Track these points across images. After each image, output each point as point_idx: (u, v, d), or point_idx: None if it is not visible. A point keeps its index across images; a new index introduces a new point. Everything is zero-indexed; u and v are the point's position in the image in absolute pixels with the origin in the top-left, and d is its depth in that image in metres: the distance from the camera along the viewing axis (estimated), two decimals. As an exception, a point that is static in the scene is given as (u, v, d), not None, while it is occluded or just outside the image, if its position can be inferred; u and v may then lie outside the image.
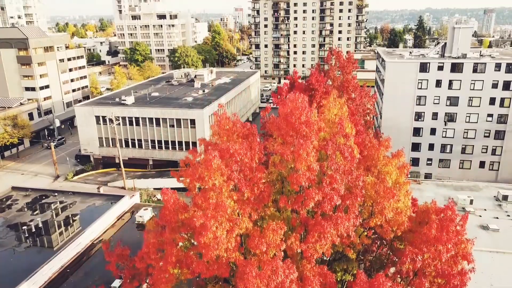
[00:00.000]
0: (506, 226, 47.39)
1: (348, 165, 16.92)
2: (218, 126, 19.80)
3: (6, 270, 42.82)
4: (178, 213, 15.67)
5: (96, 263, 46.23)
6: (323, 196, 15.62)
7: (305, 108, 17.75)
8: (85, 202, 58.03)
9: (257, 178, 16.35)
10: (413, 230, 18.83)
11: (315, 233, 15.42)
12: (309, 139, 16.73)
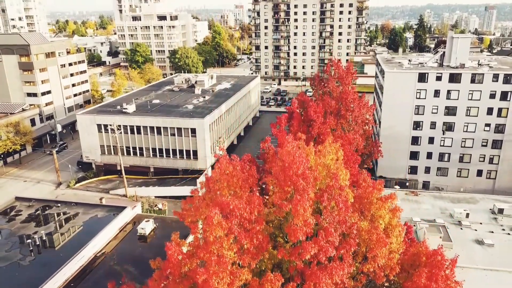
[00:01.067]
0: (501, 241, 48.33)
1: (342, 215, 17.83)
2: (219, 172, 20.68)
3: (12, 285, 43.72)
4: (181, 266, 16.61)
5: (100, 276, 47.16)
6: (319, 248, 16.56)
7: (302, 162, 18.65)
8: (88, 213, 58.90)
9: (255, 230, 17.27)
10: (405, 270, 19.80)
11: (311, 283, 16.38)
12: (306, 192, 17.65)
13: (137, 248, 52.79)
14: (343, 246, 17.11)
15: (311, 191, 17.93)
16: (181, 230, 56.08)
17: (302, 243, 16.58)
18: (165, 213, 67.64)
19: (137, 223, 58.00)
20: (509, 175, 75.88)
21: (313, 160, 22.85)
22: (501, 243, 47.73)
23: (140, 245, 53.39)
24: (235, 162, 21.85)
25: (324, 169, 20.40)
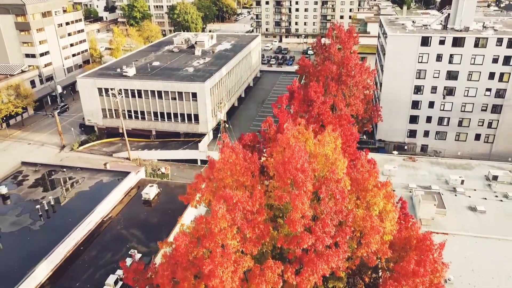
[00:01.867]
0: (493, 207, 50.01)
1: (339, 205, 18.90)
2: (223, 161, 21.53)
3: (25, 250, 45.86)
4: (188, 255, 17.88)
5: (107, 240, 49.33)
6: (316, 238, 17.76)
7: (301, 156, 19.44)
8: (93, 178, 60.43)
9: (257, 220, 18.41)
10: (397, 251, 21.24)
11: (308, 269, 17.74)
12: (304, 185, 18.60)
13: (142, 212, 54.69)
14: (339, 234, 18.36)
15: (309, 183, 18.90)
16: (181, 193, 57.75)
17: (301, 234, 17.80)
18: (168, 177, 69.32)
19: (141, 187, 59.68)
20: (506, 140, 76.87)
21: (312, 144, 23.67)
22: (493, 210, 49.44)
23: (145, 210, 55.27)
24: (237, 149, 22.66)
25: (323, 158, 21.27)
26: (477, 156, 78.75)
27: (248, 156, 22.61)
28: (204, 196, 22.26)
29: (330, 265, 17.86)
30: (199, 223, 18.04)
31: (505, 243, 42.28)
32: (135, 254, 45.34)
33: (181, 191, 59.06)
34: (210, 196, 22.09)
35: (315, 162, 20.48)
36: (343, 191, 19.11)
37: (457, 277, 37.50)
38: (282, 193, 19.26)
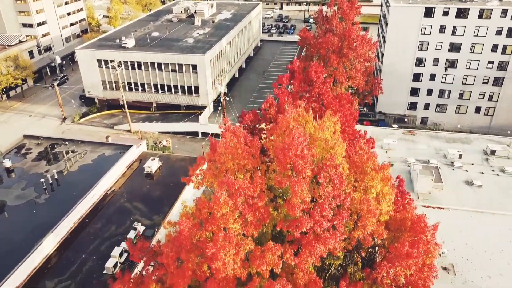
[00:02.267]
0: (489, 182, 50.76)
1: (337, 190, 19.48)
2: (224, 146, 21.93)
3: (31, 223, 47.08)
4: (192, 238, 18.63)
5: (111, 213, 50.52)
6: (314, 222, 18.46)
7: (300, 143, 19.83)
8: (95, 151, 61.09)
9: (258, 205, 19.05)
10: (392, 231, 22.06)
11: (306, 251, 18.55)
12: (304, 171, 19.12)
13: (145, 185, 55.67)
14: (336, 217, 19.06)
15: (308, 169, 19.43)
16: (184, 169, 58.54)
17: (300, 218, 18.50)
18: (170, 149, 69.98)
19: (143, 160, 60.46)
20: (506, 112, 77.05)
21: (311, 126, 24.04)
22: (489, 184, 50.19)
23: (148, 183, 56.25)
24: (238, 133, 23.02)
25: (322, 143, 21.70)
26: (476, 129, 79.26)
27: (249, 139, 23.05)
28: (206, 178, 22.88)
29: (328, 247, 18.69)
30: (202, 207, 18.72)
31: (499, 217, 43.32)
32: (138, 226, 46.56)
33: (182, 164, 60.07)
34: (212, 178, 22.72)
35: (314, 147, 20.94)
36: (341, 176, 19.67)
37: (451, 251, 38.71)
38: (282, 178, 19.86)
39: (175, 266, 19.18)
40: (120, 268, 41.74)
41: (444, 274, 36.49)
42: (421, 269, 19.17)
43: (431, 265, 19.76)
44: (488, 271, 36.64)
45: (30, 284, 40.48)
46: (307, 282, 18.93)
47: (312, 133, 23.24)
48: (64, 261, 43.36)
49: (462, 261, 37.71)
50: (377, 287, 20.38)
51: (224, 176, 21.38)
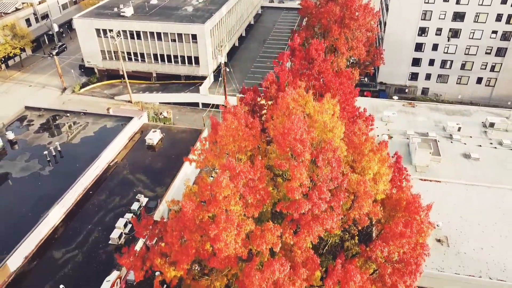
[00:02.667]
0: (487, 155, 51.46)
1: (335, 172, 20.05)
2: (225, 128, 22.30)
3: (37, 194, 48.13)
4: (195, 219, 19.37)
5: (114, 185, 51.48)
6: (312, 204, 19.15)
7: (300, 127, 20.19)
8: (97, 123, 61.46)
9: (258, 187, 19.69)
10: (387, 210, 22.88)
11: (305, 231, 19.36)
12: (302, 155, 19.62)
13: (147, 157, 56.43)
14: (334, 199, 19.76)
15: (307, 153, 19.94)
16: (185, 142, 59.12)
17: (298, 200, 19.19)
18: (170, 121, 70.35)
19: (144, 132, 60.97)
20: (508, 83, 76.76)
21: (311, 107, 24.37)
22: (486, 157, 50.94)
23: (149, 155, 56.98)
24: (239, 114, 23.35)
25: (321, 125, 22.11)
26: (477, 100, 79.28)
27: (250, 121, 23.44)
28: (207, 159, 23.45)
29: (325, 227, 19.51)
30: (204, 189, 19.41)
31: (494, 190, 44.22)
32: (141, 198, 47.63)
33: (183, 136, 60.65)
34: (213, 159, 23.30)
35: (314, 129, 21.38)
36: (339, 159, 20.20)
37: (446, 223, 39.89)
38: (282, 161, 20.44)
39: (179, 244, 20.12)
40: (125, 239, 43.21)
41: (438, 246, 37.81)
42: (414, 248, 20.10)
43: (424, 244, 20.67)
44: (481, 243, 37.89)
45: (39, 254, 41.93)
46: (305, 259, 19.91)
47: (312, 113, 23.61)
48: (70, 231, 44.66)
49: (456, 233, 38.93)
50: (371, 264, 21.39)
51: (225, 158, 22.03)
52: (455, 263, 35.94)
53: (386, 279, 19.38)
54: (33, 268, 40.54)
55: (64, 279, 39.11)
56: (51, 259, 41.47)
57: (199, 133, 60.21)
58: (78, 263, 40.94)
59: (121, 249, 41.68)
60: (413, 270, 19.27)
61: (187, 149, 57.30)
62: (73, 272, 40.04)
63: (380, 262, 20.09)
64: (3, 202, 47.07)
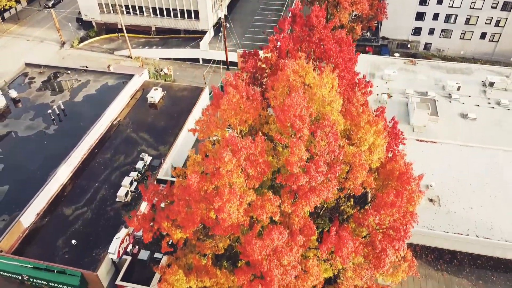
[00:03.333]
0: (484, 115, 52.15)
1: (332, 146, 21.04)
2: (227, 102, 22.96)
3: (44, 153, 49.41)
4: (200, 191, 20.61)
5: (118, 143, 52.60)
6: (310, 177, 20.32)
7: (299, 104, 20.87)
8: (98, 81, 61.61)
9: (259, 161, 20.76)
10: (381, 180, 24.22)
11: (302, 201, 20.72)
12: (301, 131, 20.52)
13: (149, 116, 57.12)
14: (330, 171, 20.93)
15: (306, 129, 20.83)
16: (186, 99, 59.45)
17: (297, 173, 20.38)
18: (171, 77, 70.36)
19: (145, 90, 61.34)
20: (511, 38, 75.79)
21: (311, 77, 24.96)
22: (483, 117, 51.69)
23: (152, 113, 57.64)
24: (241, 87, 23.93)
25: (320, 99, 22.79)
26: (480, 56, 78.74)
27: (251, 93, 24.10)
28: (210, 130, 24.37)
29: (321, 197, 20.87)
30: (208, 163, 20.54)
31: (488, 151, 45.49)
32: (146, 157, 48.99)
33: (184, 93, 61.04)
34: (216, 131, 24.21)
35: (313, 103, 22.13)
36: (336, 134, 21.14)
37: (439, 183, 41.54)
38: (282, 137, 21.43)
39: (185, 212, 21.59)
40: (131, 196, 45.11)
41: (430, 205, 39.69)
42: (403, 215, 21.56)
43: (413, 212, 22.13)
44: (471, 202, 39.74)
45: (49, 211, 43.99)
46: (302, 226, 21.48)
47: (311, 84, 24.25)
48: (78, 189, 46.40)
49: (447, 193, 40.68)
50: (363, 230, 23.00)
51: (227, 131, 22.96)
52: (445, 221, 37.93)
53: (377, 244, 21.06)
54: (45, 224, 42.68)
55: (75, 235, 41.38)
56: (61, 216, 43.52)
57: (200, 90, 60.63)
58: (88, 220, 43.01)
59: (128, 207, 44.19)
60: (401, 237, 20.89)
61: (189, 107, 58.22)
62: (83, 228, 42.23)
63: (371, 228, 21.68)
64: (12, 161, 48.47)
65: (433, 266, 37.12)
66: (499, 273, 36.84)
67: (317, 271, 21.12)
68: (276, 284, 19.70)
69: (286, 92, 24.32)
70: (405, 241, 21.26)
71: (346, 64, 31.11)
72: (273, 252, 19.77)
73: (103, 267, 37.93)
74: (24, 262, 38.06)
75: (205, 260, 25.47)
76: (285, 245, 19.92)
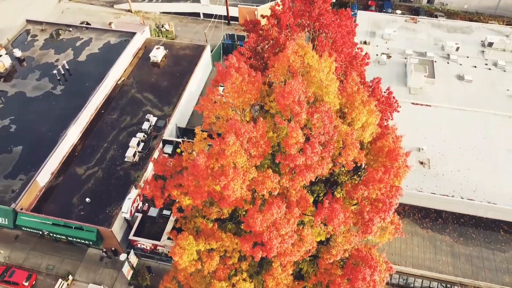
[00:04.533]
0: (480, 77, 53.20)
1: (327, 128, 22.95)
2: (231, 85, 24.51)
3: (53, 114, 51.14)
4: (207, 169, 22.82)
5: (124, 104, 54.19)
6: (306, 158, 22.46)
7: (298, 91, 22.48)
8: (100, 39, 61.92)
9: (259, 143, 22.81)
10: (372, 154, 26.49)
11: (299, 177, 23.05)
12: (299, 116, 22.37)
13: (152, 75, 58.18)
14: (324, 150, 23.04)
15: (303, 114, 22.66)
16: (188, 58, 59.92)
17: (294, 154, 22.53)
18: (172, 33, 70.36)
19: (148, 47, 61.92)
20: (517, -8, 74.66)
21: (310, 57, 26.40)
22: (479, 79, 52.80)
23: (154, 72, 58.65)
24: (243, 69, 25.33)
25: (318, 82, 24.32)
26: (483, 10, 77.88)
27: (253, 75, 25.59)
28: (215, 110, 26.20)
29: (316, 173, 23.19)
30: (215, 144, 22.65)
31: (479, 115, 47.32)
32: (151, 118, 50.90)
33: (186, 52, 61.65)
34: (220, 111, 26.03)
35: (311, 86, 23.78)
36: (331, 116, 22.96)
37: (430, 146, 43.89)
38: (281, 120, 23.40)
39: (193, 185, 24.04)
40: (138, 156, 47.62)
41: (420, 167, 42.29)
42: (390, 189, 24.01)
43: (399, 186, 24.56)
44: (459, 165, 42.31)
45: (63, 170, 46.74)
46: (299, 198, 24.01)
47: (310, 63, 25.77)
48: (88, 149, 48.85)
49: (437, 156, 43.14)
50: (351, 201, 25.60)
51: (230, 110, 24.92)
52: (433, 183, 40.72)
53: (365, 215, 23.70)
54: (60, 183, 45.62)
55: (88, 193, 44.42)
56: (74, 175, 46.34)
57: (202, 49, 61.20)
58: (99, 179, 45.88)
59: (136, 166, 46.81)
60: (387, 208, 23.47)
61: (191, 66, 59.20)
62: (96, 186, 45.19)
63: (360, 200, 24.24)
64: (23, 122, 50.49)
65: (419, 224, 40.46)
66: (479, 230, 40.25)
67: (311, 239, 24.04)
68: (275, 251, 22.67)
69: (287, 71, 25.91)
70: (390, 212, 23.88)
71: (344, 39, 32.17)
72: (273, 224, 22.49)
73: (116, 224, 41.32)
74: (45, 219, 41.36)
75: (211, 224, 28.42)
76: (283, 217, 22.57)
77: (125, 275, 39.51)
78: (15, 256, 44.97)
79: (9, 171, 45.90)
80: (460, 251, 38.56)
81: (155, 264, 43.76)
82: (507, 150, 43.32)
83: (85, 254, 44.93)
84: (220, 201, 23.51)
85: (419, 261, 37.81)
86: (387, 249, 37.96)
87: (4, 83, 55.75)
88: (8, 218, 41.85)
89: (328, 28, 31.70)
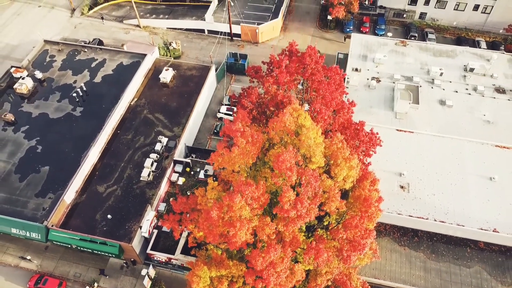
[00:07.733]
0: (460, 101, 58.65)
1: (313, 186, 28.80)
2: (238, 151, 30.37)
3: (74, 135, 56.58)
4: (219, 219, 28.91)
5: (138, 124, 59.46)
6: (296, 212, 28.47)
7: (291, 158, 28.34)
8: (114, 59, 66.95)
9: (260, 199, 28.81)
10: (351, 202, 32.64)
11: (291, 224, 29.07)
12: (290, 179, 28.31)
13: (162, 95, 63.35)
14: (312, 203, 28.94)
15: (294, 176, 28.53)
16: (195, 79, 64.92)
17: (287, 209, 28.49)
18: (179, 51, 75.40)
19: (157, 67, 67.07)
20: (503, 11, 79.23)
21: (303, 118, 32.13)
22: (459, 104, 58.27)
23: (164, 93, 63.77)
24: (247, 133, 31.00)
25: (307, 147, 30.07)
26: (471, 26, 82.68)
27: (255, 137, 31.30)
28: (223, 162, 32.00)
29: (305, 221, 29.21)
30: (224, 200, 28.59)
31: (454, 142, 52.79)
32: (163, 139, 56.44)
33: (193, 73, 66.89)
34: (227, 165, 31.84)
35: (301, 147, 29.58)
36: (316, 177, 28.84)
37: (410, 171, 49.75)
38: (277, 180, 29.40)
39: (208, 228, 30.06)
40: (152, 176, 53.39)
41: (400, 191, 48.29)
42: (364, 232, 30.04)
43: (371, 230, 30.62)
44: (434, 189, 48.24)
45: (85, 188, 52.66)
46: (292, 239, 30.07)
47: (303, 123, 31.52)
48: (107, 169, 54.62)
49: (416, 181, 49.06)
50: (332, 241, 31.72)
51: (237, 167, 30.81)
52: (411, 206, 46.76)
53: (344, 253, 29.84)
54: (83, 201, 51.58)
55: (109, 210, 50.42)
56: (96, 193, 52.19)
57: (207, 70, 66.43)
58: (118, 196, 51.76)
59: (151, 185, 52.60)
60: (361, 247, 29.58)
61: (197, 86, 64.55)
62: (115, 204, 51.14)
63: (341, 241, 30.35)
64: (48, 143, 55.95)
65: (398, 242, 46.73)
66: (449, 248, 46.53)
67: (301, 272, 30.23)
68: (272, 284, 28.87)
69: (283, 132, 31.74)
70: (365, 249, 29.99)
71: (332, 95, 37.58)
72: (270, 263, 28.60)
73: (136, 239, 47.52)
74: (73, 235, 47.57)
75: (220, 251, 34.59)
76: (279, 257, 28.71)
77: (146, 286, 45.97)
78: (46, 264, 51.37)
79: (39, 190, 51.71)
80: (432, 266, 44.91)
81: (168, 272, 50.19)
82: (477, 176, 49.20)
83: (107, 263, 51.29)
84: (229, 244, 29.61)
85: (396, 275, 44.18)
86: (369, 265, 44.28)
87: (28, 104, 61.00)
88: (41, 234, 48.03)
89: (319, 85, 37.15)
